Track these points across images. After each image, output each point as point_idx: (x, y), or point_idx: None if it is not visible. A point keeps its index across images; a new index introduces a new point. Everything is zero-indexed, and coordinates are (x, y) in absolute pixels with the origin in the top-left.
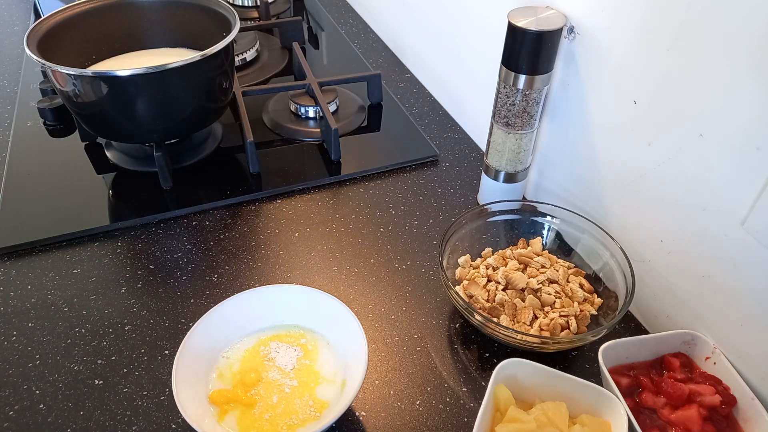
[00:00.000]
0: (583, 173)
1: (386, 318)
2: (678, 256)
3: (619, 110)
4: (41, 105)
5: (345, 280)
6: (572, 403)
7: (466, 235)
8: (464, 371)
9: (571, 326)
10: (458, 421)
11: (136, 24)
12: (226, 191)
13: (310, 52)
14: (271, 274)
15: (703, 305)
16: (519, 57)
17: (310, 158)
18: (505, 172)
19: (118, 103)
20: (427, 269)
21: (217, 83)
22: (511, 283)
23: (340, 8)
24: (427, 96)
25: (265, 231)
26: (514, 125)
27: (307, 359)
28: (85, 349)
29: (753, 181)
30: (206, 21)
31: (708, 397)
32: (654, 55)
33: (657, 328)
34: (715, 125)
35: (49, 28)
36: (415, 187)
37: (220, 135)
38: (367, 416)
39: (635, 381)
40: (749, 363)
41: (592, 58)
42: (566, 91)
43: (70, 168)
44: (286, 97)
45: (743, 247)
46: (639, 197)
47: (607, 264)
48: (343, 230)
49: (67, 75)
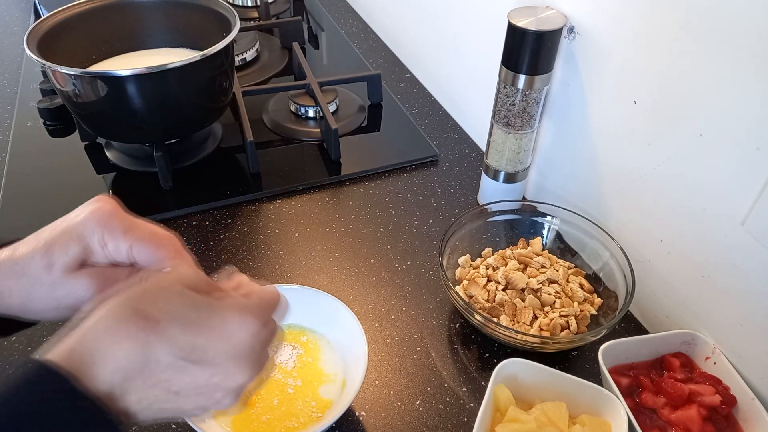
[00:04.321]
0: (583, 173)
1: (386, 318)
2: (678, 256)
3: (619, 110)
4: (41, 105)
5: (345, 280)
6: (572, 403)
7: (466, 235)
8: (464, 371)
9: (571, 326)
10: (458, 421)
11: (136, 24)
12: (226, 191)
13: (310, 52)
14: (271, 274)
15: (703, 305)
16: (519, 57)
17: (310, 158)
18: (505, 172)
19: (118, 103)
20: (427, 269)
21: (217, 83)
22: (511, 283)
23: (340, 8)
24: (427, 96)
25: (265, 231)
26: (514, 125)
27: (308, 357)
28: None
29: (753, 181)
30: (206, 21)
31: (708, 397)
32: (654, 55)
33: (657, 328)
34: (715, 125)
35: (49, 28)
36: (415, 187)
37: (220, 135)
38: (367, 416)
39: (635, 381)
40: (749, 363)
41: (592, 58)
42: (566, 91)
43: (70, 168)
44: (286, 97)
45: (743, 248)
46: (639, 197)
47: (607, 264)
48: (343, 230)
49: (67, 75)
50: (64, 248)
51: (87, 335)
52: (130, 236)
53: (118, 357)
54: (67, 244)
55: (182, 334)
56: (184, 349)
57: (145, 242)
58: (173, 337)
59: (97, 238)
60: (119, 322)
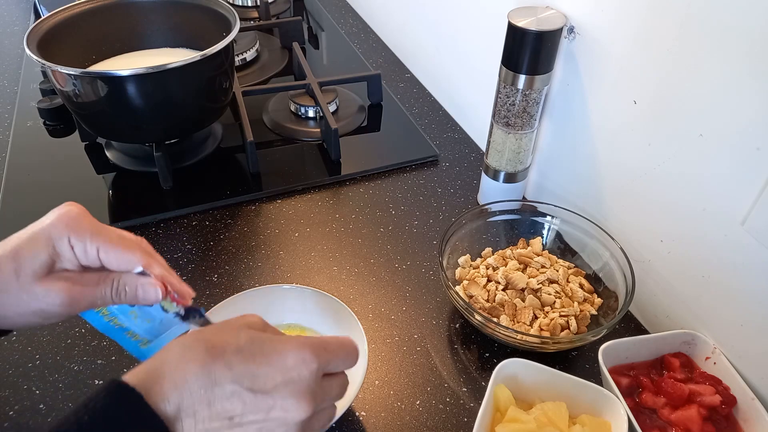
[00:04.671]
0: (583, 173)
1: (386, 318)
2: (678, 256)
3: (619, 110)
4: (41, 105)
5: (345, 280)
6: (572, 403)
7: (466, 235)
8: (464, 371)
9: (571, 326)
10: (458, 421)
11: (136, 24)
12: (226, 191)
13: (310, 52)
14: (271, 274)
15: (703, 305)
16: (519, 57)
17: (310, 158)
18: (505, 172)
19: (118, 103)
20: (427, 269)
21: (217, 83)
22: (511, 283)
23: (340, 8)
24: (427, 96)
25: (265, 231)
26: (514, 125)
27: None
28: (85, 349)
29: (753, 181)
30: (206, 21)
31: (708, 397)
32: (654, 55)
33: (657, 328)
34: (715, 125)
35: (49, 28)
36: (415, 187)
37: (220, 135)
38: (367, 416)
39: (635, 381)
40: (749, 363)
41: (592, 58)
42: (566, 91)
43: (70, 168)
44: (286, 97)
45: (743, 247)
46: (639, 197)
47: (607, 264)
48: (343, 230)
49: (67, 75)
50: (32, 252)
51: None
52: (98, 239)
53: (186, 378)
54: (35, 248)
55: (244, 363)
56: (245, 378)
57: (113, 244)
58: (236, 366)
59: (65, 241)
60: (188, 349)
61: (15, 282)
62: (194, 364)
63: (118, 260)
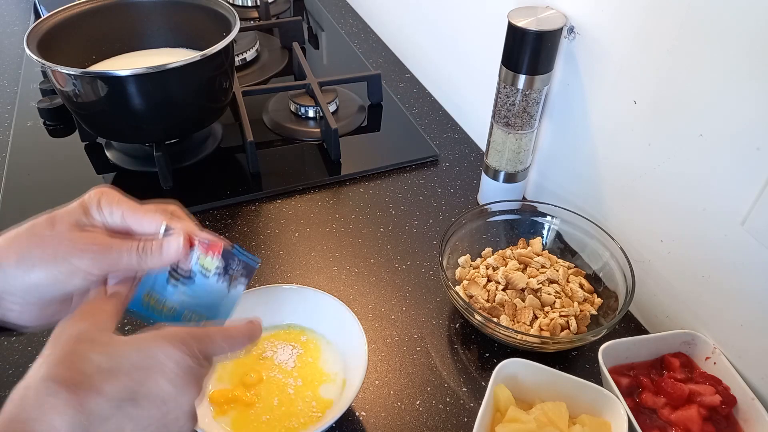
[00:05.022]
0: (583, 173)
1: (386, 318)
2: (678, 256)
3: (619, 110)
4: (41, 105)
5: (345, 280)
6: (572, 403)
7: (466, 235)
8: (464, 371)
9: (571, 326)
10: (458, 421)
11: (136, 24)
12: (226, 191)
13: (310, 52)
14: (271, 274)
15: (703, 305)
16: (519, 57)
17: (310, 158)
18: (505, 172)
19: (118, 103)
20: (427, 269)
21: (217, 83)
22: (511, 283)
23: (340, 8)
24: (427, 96)
25: (265, 231)
26: (514, 125)
27: (309, 357)
28: None
29: (753, 181)
30: (206, 21)
31: (708, 397)
32: (654, 55)
33: (657, 328)
34: (715, 125)
35: (49, 28)
36: (415, 187)
37: (220, 135)
38: (367, 416)
39: (635, 381)
40: (749, 363)
41: (592, 58)
42: (566, 91)
43: (70, 168)
44: (286, 97)
45: (743, 248)
46: (639, 197)
47: (607, 264)
48: (343, 230)
49: (67, 75)
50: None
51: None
52: (122, 205)
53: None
54: (69, 208)
55: (110, 382)
56: (120, 394)
57: (136, 209)
58: (103, 389)
59: (94, 205)
60: (49, 397)
61: (49, 231)
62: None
63: (140, 222)
